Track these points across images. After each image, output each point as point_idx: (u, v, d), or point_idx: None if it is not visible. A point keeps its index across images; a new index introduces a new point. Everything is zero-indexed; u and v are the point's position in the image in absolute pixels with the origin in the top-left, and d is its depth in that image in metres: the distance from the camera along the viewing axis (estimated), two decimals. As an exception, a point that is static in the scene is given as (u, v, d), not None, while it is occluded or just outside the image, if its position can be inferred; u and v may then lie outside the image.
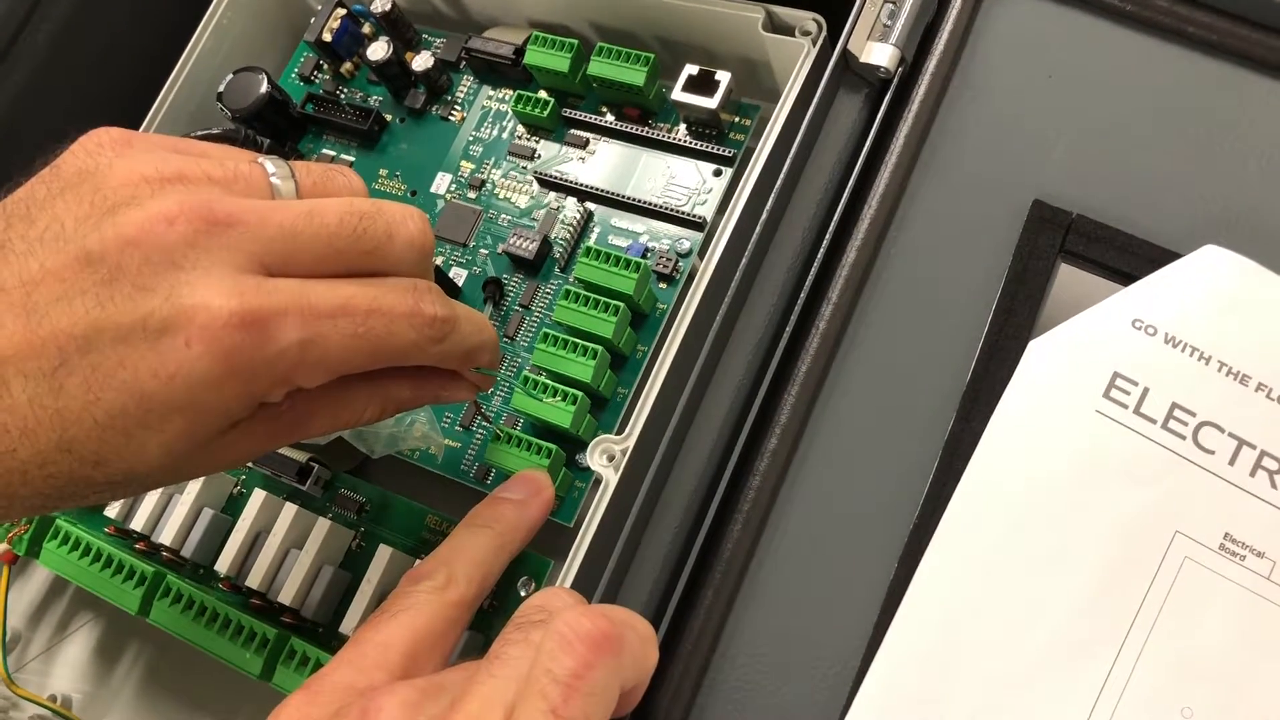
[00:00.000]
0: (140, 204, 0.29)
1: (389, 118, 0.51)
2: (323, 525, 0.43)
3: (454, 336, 0.33)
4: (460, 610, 0.33)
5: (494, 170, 0.48)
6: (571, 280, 0.43)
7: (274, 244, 0.30)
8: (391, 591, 0.33)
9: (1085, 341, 0.35)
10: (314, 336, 0.29)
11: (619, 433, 0.38)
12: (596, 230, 0.46)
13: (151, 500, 0.45)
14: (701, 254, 0.43)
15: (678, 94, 0.44)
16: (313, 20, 0.51)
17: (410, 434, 0.42)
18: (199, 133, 0.47)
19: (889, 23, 0.38)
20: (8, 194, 0.30)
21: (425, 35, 0.52)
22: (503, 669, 0.27)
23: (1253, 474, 0.34)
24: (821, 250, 0.37)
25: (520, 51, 0.48)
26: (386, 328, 0.31)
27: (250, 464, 0.45)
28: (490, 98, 0.50)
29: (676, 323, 0.39)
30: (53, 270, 0.28)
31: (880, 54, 0.37)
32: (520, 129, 0.49)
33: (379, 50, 0.49)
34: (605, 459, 0.37)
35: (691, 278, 0.42)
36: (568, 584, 0.35)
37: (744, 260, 0.37)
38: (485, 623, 0.40)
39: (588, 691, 0.26)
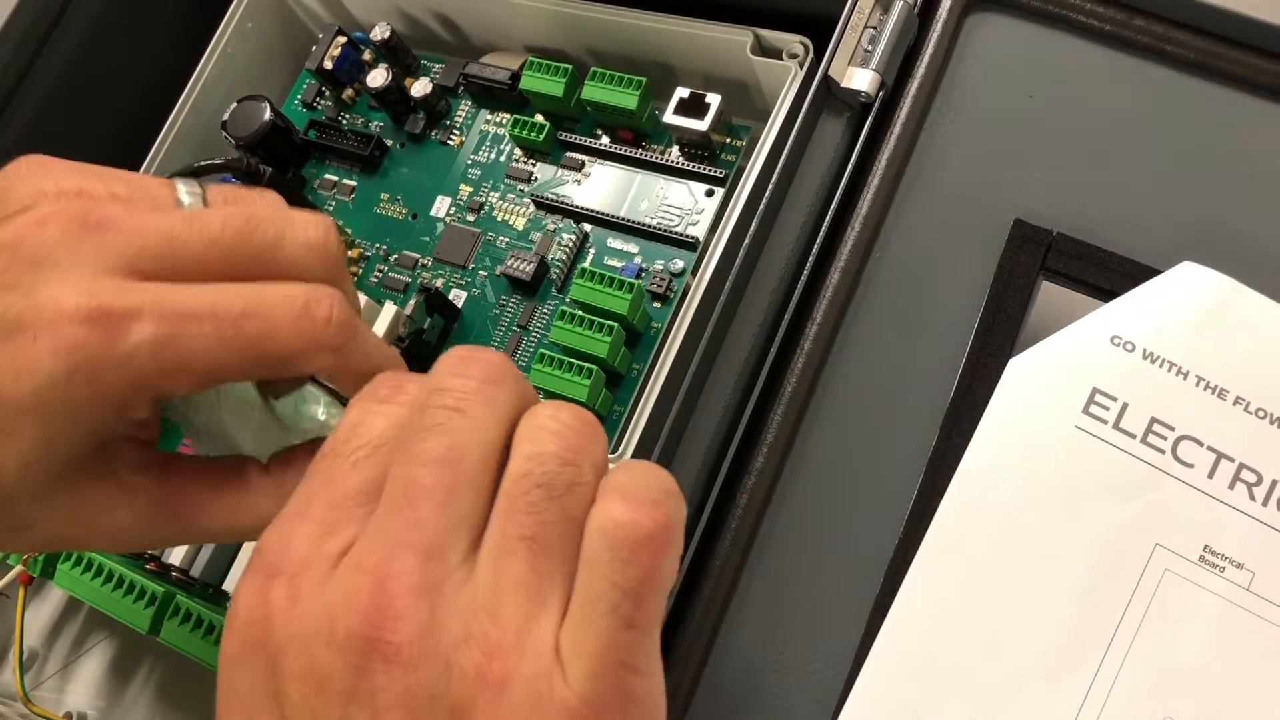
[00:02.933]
0: (28, 211, 0.28)
1: (389, 143, 0.52)
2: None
3: (352, 346, 0.30)
4: None
5: (492, 193, 0.49)
6: (568, 301, 0.44)
7: (148, 248, 0.28)
8: None
9: (1065, 358, 0.36)
10: (171, 336, 0.27)
11: (613, 450, 0.39)
12: (592, 251, 0.47)
13: (161, 521, 0.46)
14: (694, 273, 0.44)
15: (670, 116, 0.45)
16: (314, 48, 0.52)
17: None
18: (202, 162, 0.48)
19: (870, 48, 0.38)
20: None
21: (424, 61, 0.53)
22: (538, 561, 0.25)
23: (1231, 486, 0.34)
24: (806, 271, 0.38)
25: (516, 76, 0.49)
26: (263, 330, 0.29)
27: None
28: (488, 122, 0.51)
29: (669, 342, 0.39)
30: None
31: (861, 79, 0.38)
32: (517, 152, 0.50)
33: (379, 77, 0.50)
34: (599, 478, 0.38)
35: (685, 296, 0.43)
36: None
37: (729, 282, 0.38)
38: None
39: (656, 593, 0.25)
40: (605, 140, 0.48)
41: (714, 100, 0.44)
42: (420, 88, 0.50)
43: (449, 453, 0.26)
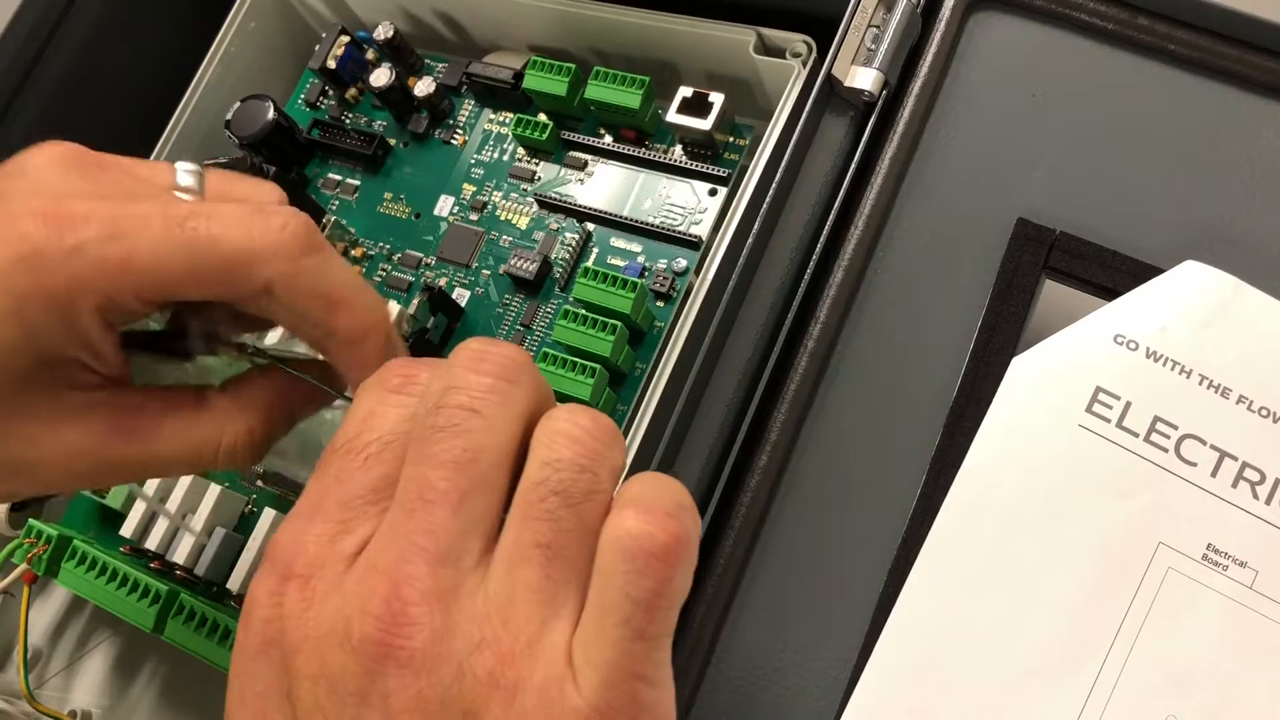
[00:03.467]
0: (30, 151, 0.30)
1: (393, 142, 0.52)
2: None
3: (313, 262, 0.29)
4: None
5: (495, 192, 0.49)
6: (571, 300, 0.44)
7: (121, 179, 0.30)
8: None
9: (1068, 357, 0.36)
10: (116, 233, 0.27)
11: (616, 450, 0.39)
12: (595, 250, 0.47)
13: (165, 521, 0.46)
14: (697, 272, 0.44)
15: (673, 116, 0.45)
16: (317, 48, 0.52)
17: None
18: (206, 162, 0.48)
19: (873, 47, 0.39)
20: None
21: (427, 60, 0.53)
22: (553, 569, 0.25)
23: (1234, 485, 0.34)
24: (809, 270, 0.38)
25: (520, 76, 0.49)
26: (213, 230, 0.28)
27: (260, 483, 0.46)
28: (491, 121, 0.51)
29: (672, 341, 0.39)
30: None
31: (864, 78, 0.38)
32: (520, 151, 0.50)
33: (382, 76, 0.50)
34: (603, 476, 0.38)
35: (688, 295, 0.43)
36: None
37: (732, 281, 0.38)
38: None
39: (669, 604, 0.25)
40: (608, 139, 0.48)
41: (717, 99, 0.44)
42: (423, 87, 0.50)
43: (464, 455, 0.25)
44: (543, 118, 0.49)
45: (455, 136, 0.51)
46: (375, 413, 0.27)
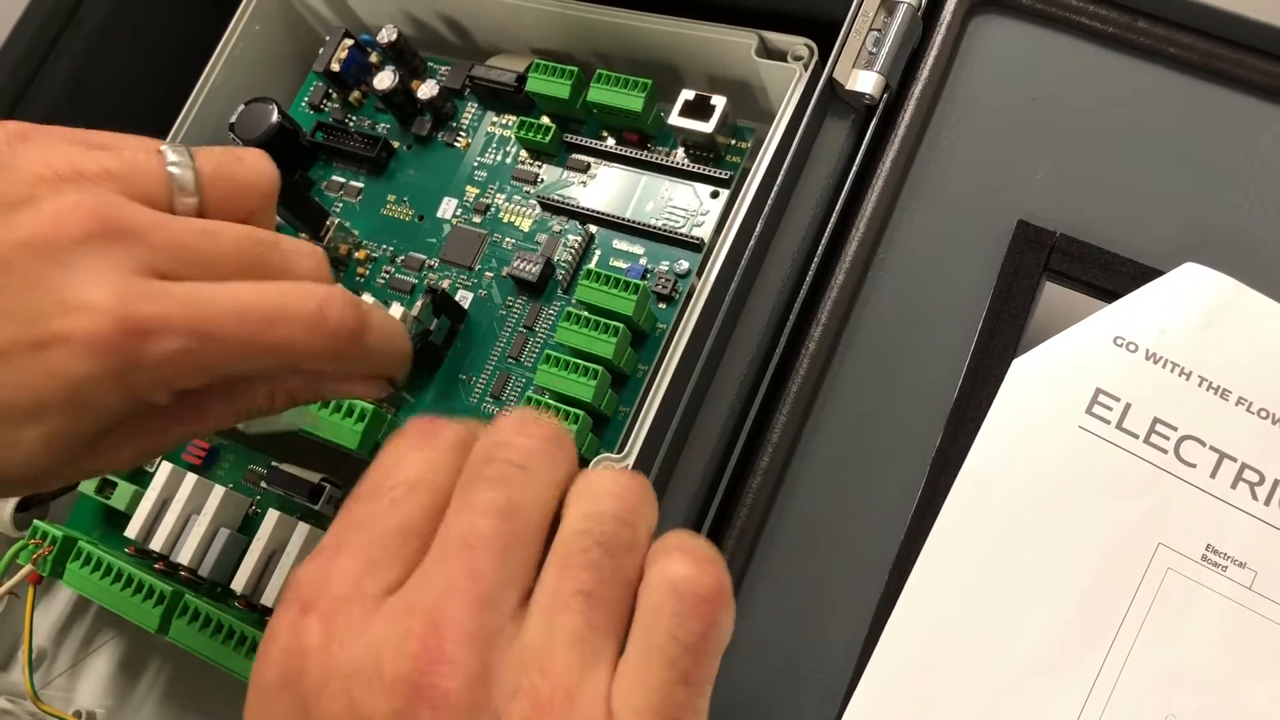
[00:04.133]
0: (36, 204, 0.29)
1: (396, 145, 0.52)
2: (334, 543, 0.44)
3: (358, 348, 0.32)
4: None
5: (498, 195, 0.50)
6: (573, 302, 0.44)
7: (166, 255, 0.30)
8: None
9: (1068, 359, 0.36)
10: (199, 345, 0.29)
11: (619, 450, 0.39)
12: (598, 253, 0.47)
13: (170, 521, 0.46)
14: (699, 274, 0.44)
15: (675, 118, 0.45)
16: (321, 51, 0.52)
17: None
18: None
19: (874, 50, 0.39)
20: None
21: (430, 64, 0.53)
22: (593, 616, 0.25)
23: (1234, 486, 0.35)
24: (810, 272, 0.39)
25: (523, 79, 0.49)
26: (283, 337, 0.30)
27: (264, 485, 0.47)
28: (494, 124, 0.51)
29: (675, 342, 0.40)
30: None
31: (865, 81, 0.39)
32: (523, 154, 0.50)
33: (386, 79, 0.51)
34: (605, 477, 0.39)
35: (690, 298, 0.43)
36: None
37: (734, 283, 0.38)
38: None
39: (713, 651, 0.25)
40: (611, 142, 0.48)
41: (719, 102, 0.44)
42: (427, 90, 0.51)
43: (509, 505, 0.26)
44: (545, 120, 0.49)
45: (458, 139, 0.51)
46: (401, 460, 0.28)
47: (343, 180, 0.53)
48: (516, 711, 0.24)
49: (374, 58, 0.53)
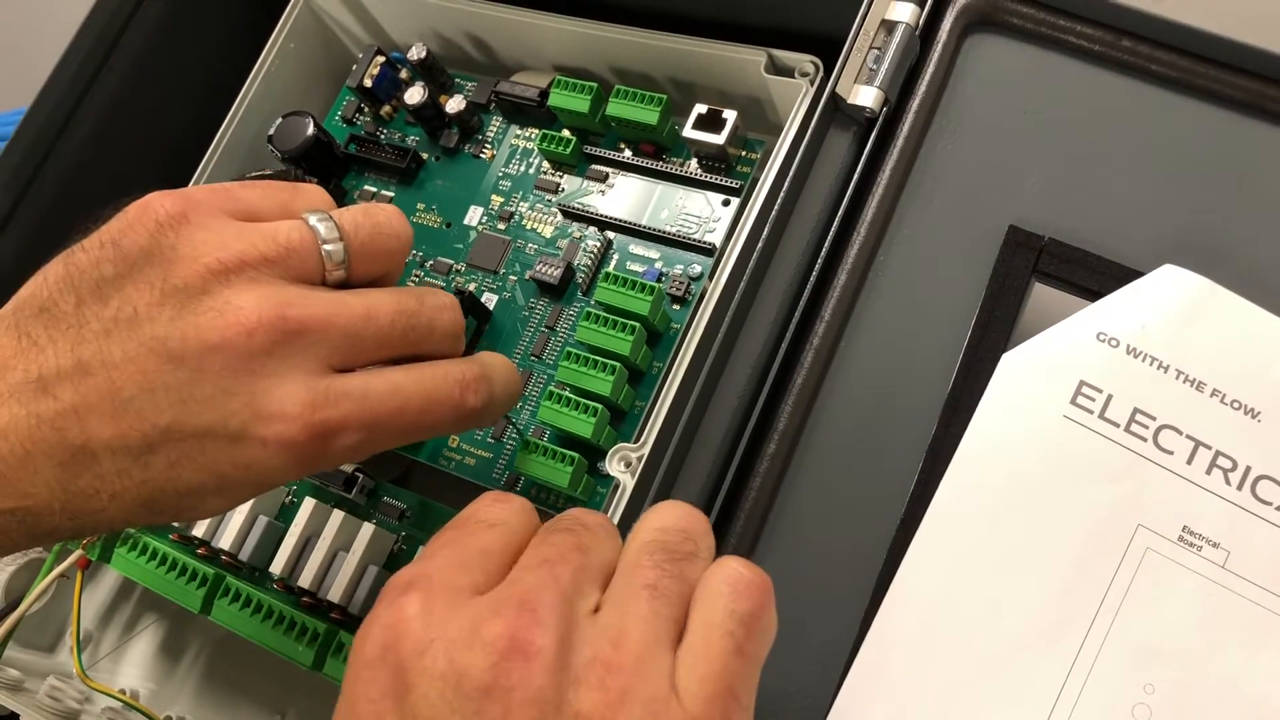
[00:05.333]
0: (213, 301, 0.32)
1: (425, 156, 0.55)
2: (367, 530, 0.47)
3: (482, 417, 0.38)
4: None
5: (522, 203, 0.52)
6: (593, 303, 0.47)
7: (338, 347, 0.34)
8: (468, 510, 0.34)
9: (1054, 354, 0.38)
10: (371, 437, 0.34)
11: (636, 441, 0.41)
12: (615, 257, 0.50)
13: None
14: (711, 277, 0.47)
15: (689, 131, 0.47)
16: (354, 67, 0.55)
17: None
18: (251, 174, 0.51)
19: (874, 67, 0.41)
20: (64, 250, 0.33)
21: (458, 79, 0.56)
22: (657, 604, 0.29)
23: (1209, 472, 0.37)
24: (814, 274, 0.41)
25: (545, 94, 0.52)
26: (433, 424, 0.36)
27: (301, 475, 0.49)
28: (518, 136, 0.54)
29: (688, 340, 0.42)
30: (134, 359, 0.31)
31: (866, 96, 0.41)
32: (545, 165, 0.53)
33: (416, 94, 0.53)
34: (623, 465, 0.41)
35: (702, 299, 0.46)
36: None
37: (743, 284, 0.41)
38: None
39: (763, 631, 0.29)
40: (628, 153, 0.51)
41: (730, 116, 0.47)
42: (454, 104, 0.53)
43: (580, 544, 0.31)
44: (566, 133, 0.52)
45: (484, 151, 0.54)
46: (482, 508, 0.33)
47: (374, 190, 0.55)
48: (593, 674, 0.27)
49: (404, 74, 0.56)
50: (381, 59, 0.55)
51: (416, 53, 0.54)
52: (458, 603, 0.28)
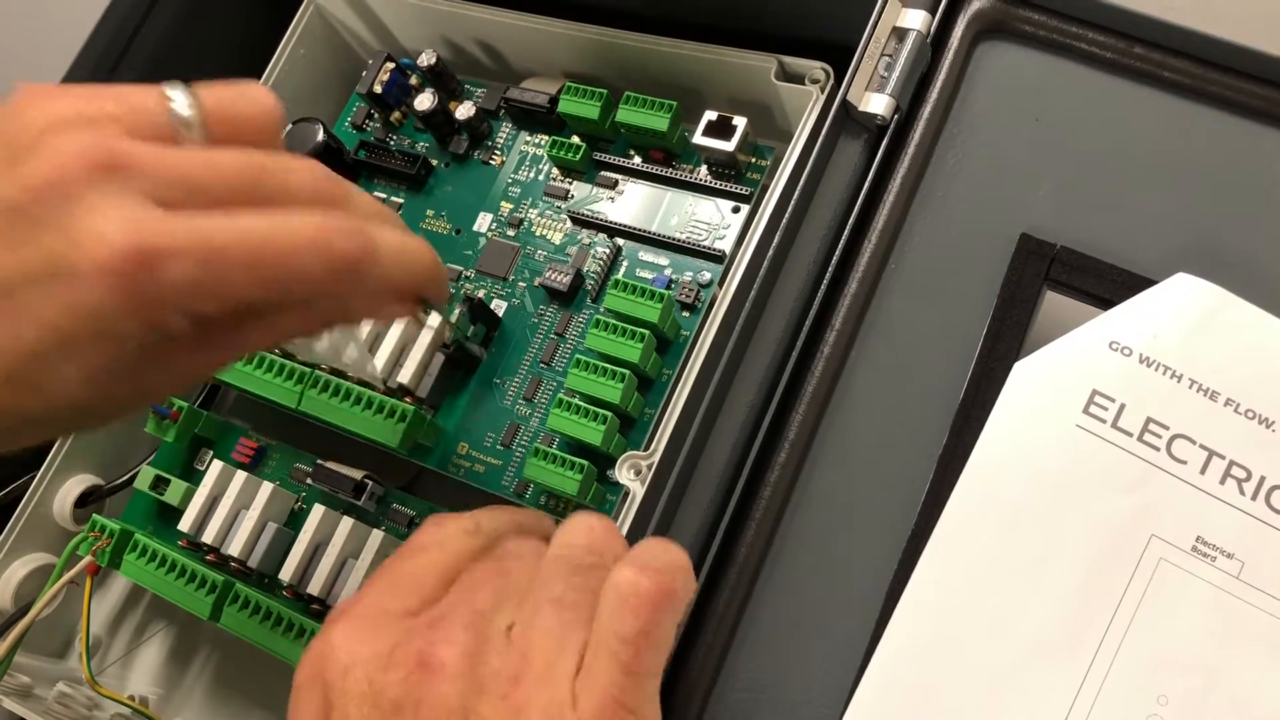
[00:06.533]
0: (43, 150, 0.30)
1: (435, 162, 0.55)
2: (376, 537, 0.47)
3: (374, 270, 0.32)
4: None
5: (531, 210, 0.52)
6: (602, 310, 0.47)
7: (172, 186, 0.30)
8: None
9: (1066, 362, 0.38)
10: (206, 271, 0.29)
11: (645, 449, 0.41)
12: (625, 264, 0.50)
13: (221, 516, 0.49)
14: (721, 284, 0.47)
15: (698, 138, 0.47)
16: (364, 74, 0.55)
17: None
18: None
19: (886, 74, 0.41)
20: None
21: (467, 86, 0.56)
22: (564, 616, 0.31)
23: (1222, 482, 0.37)
24: (825, 281, 0.41)
25: (555, 100, 0.52)
26: (288, 264, 0.30)
27: (310, 482, 0.49)
28: (527, 143, 0.54)
29: (697, 348, 0.42)
30: None
31: (877, 103, 0.41)
32: (555, 171, 0.53)
33: (425, 101, 0.53)
34: (632, 473, 0.41)
35: (712, 306, 0.46)
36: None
37: (753, 292, 0.40)
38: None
39: (653, 645, 0.30)
40: (638, 160, 0.51)
41: (740, 122, 0.47)
42: (464, 111, 0.53)
43: (505, 568, 0.34)
44: (576, 140, 0.52)
45: (494, 157, 0.54)
46: (417, 534, 0.35)
47: (384, 196, 0.55)
48: (497, 686, 0.30)
49: (414, 80, 0.56)
50: (391, 65, 0.55)
51: (426, 59, 0.54)
52: (383, 626, 0.32)
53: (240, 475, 0.49)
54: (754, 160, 0.49)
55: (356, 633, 0.32)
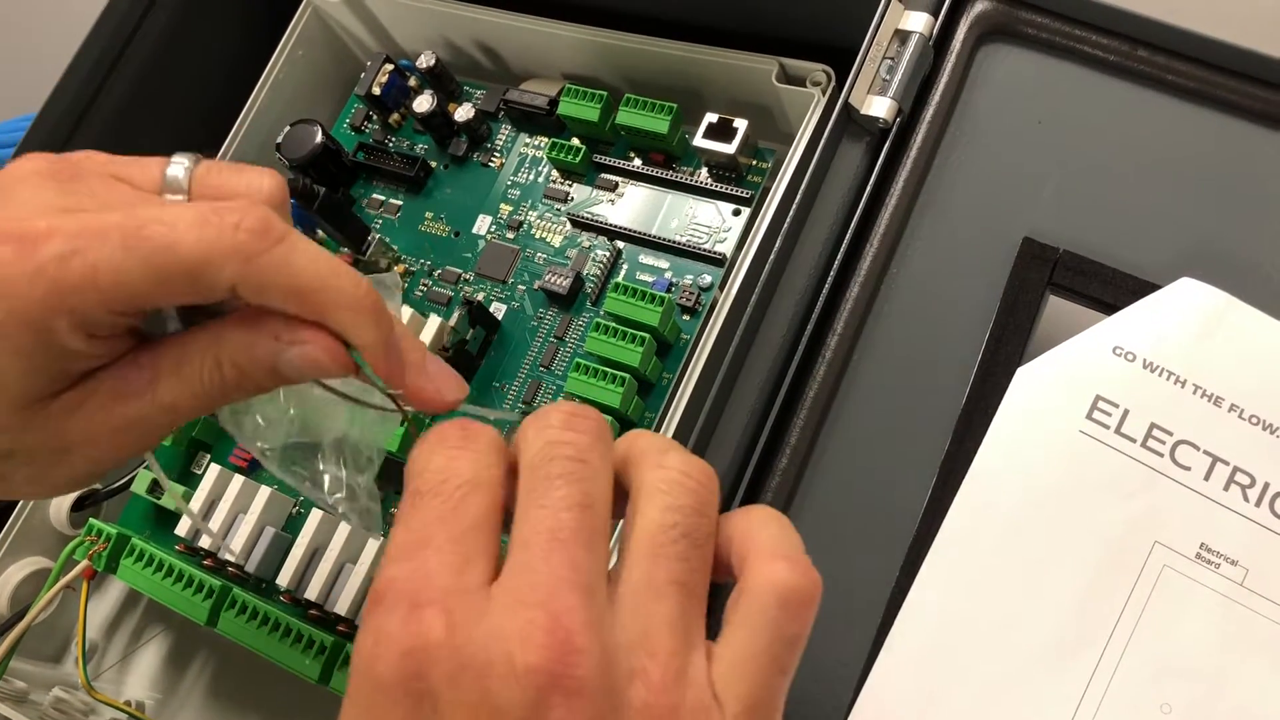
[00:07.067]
0: None
1: (434, 164, 0.55)
2: (374, 542, 0.46)
3: (271, 255, 0.29)
4: None
5: (531, 212, 0.52)
6: (602, 314, 0.47)
7: (95, 188, 0.29)
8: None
9: (1070, 367, 0.38)
10: (77, 249, 0.27)
11: (645, 454, 0.41)
12: (625, 267, 0.49)
13: (218, 520, 0.48)
14: (722, 288, 0.46)
15: (699, 140, 0.47)
16: (363, 75, 0.55)
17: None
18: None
19: (888, 77, 0.41)
20: None
21: (466, 88, 0.56)
22: (690, 601, 0.27)
23: (1226, 488, 0.36)
24: (827, 286, 0.41)
25: (554, 102, 0.52)
26: (167, 236, 0.28)
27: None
28: (527, 145, 0.54)
29: (698, 352, 0.42)
30: None
31: (879, 106, 0.41)
32: (555, 174, 0.52)
33: (424, 102, 0.53)
34: (632, 478, 0.41)
35: (712, 310, 0.46)
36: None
37: (754, 296, 0.40)
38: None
39: (804, 643, 0.28)
40: (638, 162, 0.51)
41: (741, 125, 0.47)
42: (463, 113, 0.53)
43: (585, 499, 0.27)
44: (576, 142, 0.51)
45: (493, 159, 0.54)
46: (451, 464, 0.28)
47: (383, 198, 0.55)
48: (635, 694, 0.25)
49: (413, 82, 0.56)
50: (390, 67, 0.55)
51: (425, 60, 0.54)
52: (475, 610, 0.25)
53: (238, 479, 0.49)
54: (755, 163, 0.49)
55: (454, 622, 0.26)
